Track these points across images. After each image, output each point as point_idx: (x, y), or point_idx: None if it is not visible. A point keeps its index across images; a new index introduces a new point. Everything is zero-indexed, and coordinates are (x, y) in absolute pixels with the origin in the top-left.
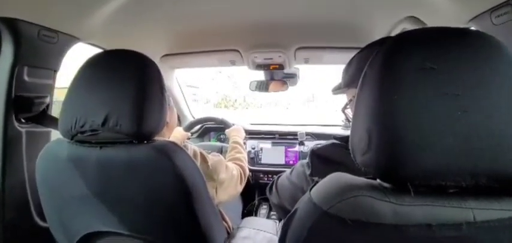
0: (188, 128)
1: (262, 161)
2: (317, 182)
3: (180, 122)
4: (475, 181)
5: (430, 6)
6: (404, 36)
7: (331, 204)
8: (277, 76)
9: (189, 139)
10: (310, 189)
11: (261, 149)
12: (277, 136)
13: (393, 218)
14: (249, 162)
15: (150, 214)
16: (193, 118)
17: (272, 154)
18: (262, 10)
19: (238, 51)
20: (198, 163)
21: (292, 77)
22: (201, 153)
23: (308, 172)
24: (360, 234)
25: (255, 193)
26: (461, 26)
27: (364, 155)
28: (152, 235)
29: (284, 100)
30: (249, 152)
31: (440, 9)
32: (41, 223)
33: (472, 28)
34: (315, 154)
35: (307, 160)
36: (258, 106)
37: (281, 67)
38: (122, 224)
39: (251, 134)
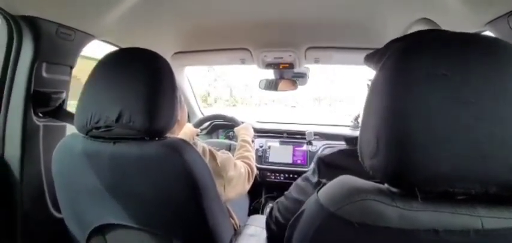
0: (197, 125)
1: (270, 160)
2: (324, 184)
3: (189, 119)
4: (484, 188)
5: (445, 8)
6: (417, 40)
7: (338, 206)
8: (287, 75)
9: (198, 135)
10: (318, 190)
11: (269, 147)
12: (285, 135)
13: (400, 222)
14: (256, 160)
15: (160, 209)
16: (203, 115)
17: (280, 153)
18: (273, 9)
19: (248, 49)
20: (207, 160)
21: (302, 76)
22: (210, 150)
23: (315, 179)
24: (366, 237)
25: (262, 191)
26: (477, 29)
27: (372, 159)
28: (161, 229)
29: (290, 99)
30: (257, 150)
31: (456, 13)
32: (56, 214)
33: (488, 33)
34: (321, 161)
35: (313, 166)
36: (255, 104)
37: (291, 66)
38: (132, 218)
39: (259, 133)
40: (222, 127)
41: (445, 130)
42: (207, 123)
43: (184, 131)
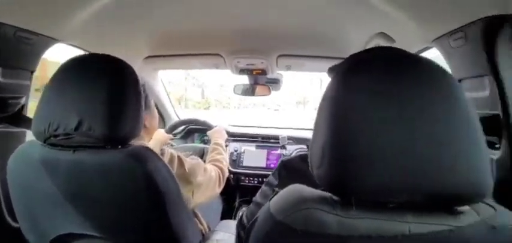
0: (170, 130)
1: (244, 164)
2: (277, 192)
3: (164, 123)
4: (411, 198)
5: (399, 25)
6: (360, 59)
7: (285, 215)
8: (261, 80)
9: (172, 140)
10: (270, 199)
11: (243, 151)
12: (260, 139)
13: (338, 229)
14: (230, 164)
15: (122, 218)
16: (178, 118)
17: (254, 157)
18: (244, 17)
19: (221, 55)
20: (175, 166)
21: (275, 82)
22: (178, 157)
23: (275, 182)
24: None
25: (236, 195)
26: (426, 45)
27: (319, 168)
28: (124, 238)
29: (269, 102)
30: (231, 154)
31: (408, 29)
32: (13, 223)
33: (430, 51)
34: (283, 164)
35: (276, 170)
36: (235, 107)
37: (264, 72)
38: (94, 227)
39: (234, 137)
40: (197, 131)
41: (381, 144)
42: (181, 128)
43: (156, 137)
